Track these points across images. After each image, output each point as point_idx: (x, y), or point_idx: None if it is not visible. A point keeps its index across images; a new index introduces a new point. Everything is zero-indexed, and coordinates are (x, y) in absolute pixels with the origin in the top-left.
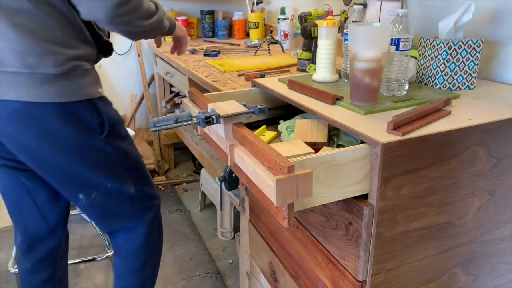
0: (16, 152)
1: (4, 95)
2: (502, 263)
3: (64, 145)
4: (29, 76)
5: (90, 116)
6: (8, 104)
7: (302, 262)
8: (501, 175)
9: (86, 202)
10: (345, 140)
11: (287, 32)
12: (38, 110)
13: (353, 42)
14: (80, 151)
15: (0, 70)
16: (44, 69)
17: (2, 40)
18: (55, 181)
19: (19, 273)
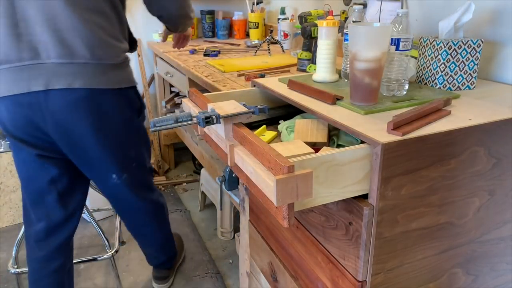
0: (63, 139)
1: (71, 84)
2: (502, 263)
3: (115, 125)
4: (96, 66)
5: (135, 100)
6: (74, 92)
7: (302, 262)
8: (501, 175)
9: (118, 181)
10: (345, 140)
11: (287, 32)
12: (100, 95)
13: (353, 42)
14: (127, 130)
15: (70, 62)
16: (107, 60)
17: (77, 36)
18: (92, 164)
19: (29, 265)
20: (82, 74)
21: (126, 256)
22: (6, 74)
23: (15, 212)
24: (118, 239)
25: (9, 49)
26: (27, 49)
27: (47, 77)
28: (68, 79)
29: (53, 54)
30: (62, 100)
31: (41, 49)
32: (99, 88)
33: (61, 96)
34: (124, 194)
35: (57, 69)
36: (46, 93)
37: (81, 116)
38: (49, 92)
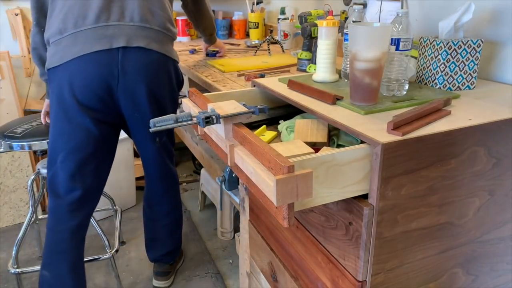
0: (128, 99)
1: (148, 45)
2: (502, 263)
3: (172, 92)
4: (165, 36)
5: (181, 74)
6: (151, 54)
7: (302, 262)
8: (501, 175)
9: (158, 145)
10: (345, 140)
11: (287, 32)
12: (167, 61)
13: (353, 42)
14: (171, 99)
15: (149, 27)
16: (171, 33)
17: (158, 8)
18: (145, 127)
19: (57, 235)
20: (156, 39)
21: (126, 256)
22: (89, 34)
23: (15, 212)
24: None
25: (100, 12)
26: (116, 12)
27: (129, 36)
28: (146, 40)
29: (136, 18)
30: (140, 58)
31: (126, 13)
32: (166, 56)
33: (137, 54)
34: (161, 158)
35: (138, 31)
36: (125, 50)
37: (154, 77)
38: (129, 50)
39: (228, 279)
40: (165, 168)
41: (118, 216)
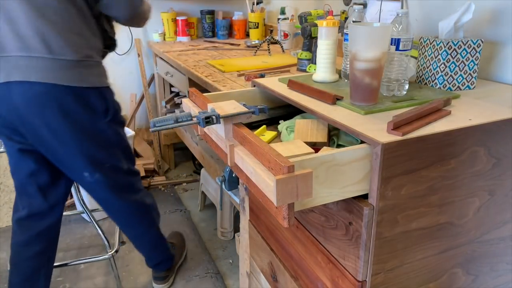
0: (31, 134)
1: (28, 77)
2: (502, 263)
3: (77, 125)
4: (53, 61)
5: (98, 101)
6: (33, 86)
7: (302, 262)
8: (501, 175)
9: (91, 180)
10: (345, 140)
11: (287, 32)
12: (58, 92)
13: (353, 42)
14: (89, 131)
15: (28, 56)
16: (65, 56)
17: (33, 30)
18: (63, 161)
19: (11, 248)
20: (38, 68)
21: (126, 256)
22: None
23: None
24: (118, 239)
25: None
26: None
27: (9, 69)
28: (26, 72)
29: (14, 48)
30: (22, 93)
31: (5, 42)
32: (58, 85)
33: (21, 89)
34: (102, 193)
35: (17, 62)
36: (7, 85)
37: (41, 111)
38: (10, 84)
39: (228, 279)
40: (115, 203)
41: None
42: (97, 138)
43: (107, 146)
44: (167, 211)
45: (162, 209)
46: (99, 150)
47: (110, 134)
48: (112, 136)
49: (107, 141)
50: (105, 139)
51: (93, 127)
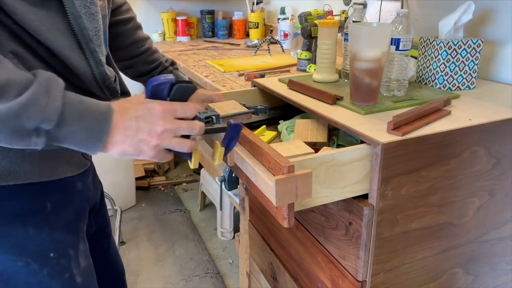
0: None
1: None
2: (501, 263)
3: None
4: None
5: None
6: None
7: (302, 262)
8: (501, 175)
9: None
10: (345, 140)
11: (287, 32)
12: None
13: (353, 42)
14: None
15: None
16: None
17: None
18: None
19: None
20: None
21: (126, 256)
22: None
23: None
24: (118, 239)
25: None
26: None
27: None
28: None
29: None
30: None
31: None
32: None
33: None
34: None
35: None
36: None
37: None
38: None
39: (228, 279)
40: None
41: (118, 216)
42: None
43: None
44: (167, 211)
45: (162, 209)
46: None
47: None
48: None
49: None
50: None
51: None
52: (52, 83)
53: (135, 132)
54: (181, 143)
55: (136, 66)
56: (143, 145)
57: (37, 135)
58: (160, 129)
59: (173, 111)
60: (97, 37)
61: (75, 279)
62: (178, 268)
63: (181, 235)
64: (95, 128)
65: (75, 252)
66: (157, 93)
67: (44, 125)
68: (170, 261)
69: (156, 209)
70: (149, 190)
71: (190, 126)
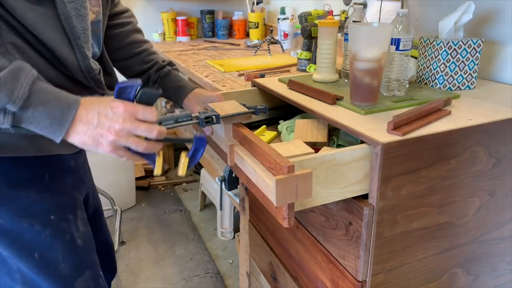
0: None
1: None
2: (502, 263)
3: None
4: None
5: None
6: None
7: (302, 262)
8: (501, 175)
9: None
10: (345, 140)
11: (287, 32)
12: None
13: (353, 42)
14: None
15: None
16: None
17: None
18: None
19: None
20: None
21: (126, 256)
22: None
23: None
24: (118, 239)
25: None
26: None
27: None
28: None
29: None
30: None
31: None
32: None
33: None
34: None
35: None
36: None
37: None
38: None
39: (228, 279)
40: None
41: (118, 216)
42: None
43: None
44: (167, 211)
45: (162, 209)
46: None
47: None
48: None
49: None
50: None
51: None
52: (23, 72)
53: (95, 126)
54: (138, 142)
55: (132, 67)
56: (101, 139)
57: (3, 115)
58: (118, 126)
59: (134, 112)
60: (84, 35)
61: (76, 241)
62: (178, 268)
63: (181, 235)
64: (58, 116)
65: (73, 217)
66: (124, 95)
67: (9, 106)
68: (170, 261)
69: (156, 209)
70: (149, 190)
71: (148, 128)
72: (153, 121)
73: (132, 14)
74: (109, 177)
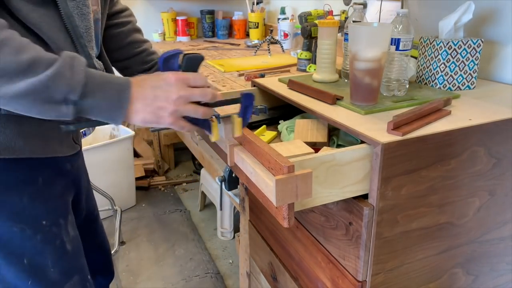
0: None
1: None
2: (502, 263)
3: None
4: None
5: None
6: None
7: (302, 262)
8: (501, 175)
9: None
10: (345, 140)
11: (287, 32)
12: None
13: (353, 42)
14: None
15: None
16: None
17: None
18: None
19: None
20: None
21: (126, 256)
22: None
23: None
24: (118, 239)
25: None
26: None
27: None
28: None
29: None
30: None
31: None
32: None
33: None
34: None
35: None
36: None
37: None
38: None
39: (228, 279)
40: None
41: (118, 216)
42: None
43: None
44: (167, 211)
45: (162, 209)
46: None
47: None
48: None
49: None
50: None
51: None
52: (75, 59)
53: (152, 100)
54: (196, 109)
55: (132, 67)
56: (161, 112)
57: (66, 105)
58: (175, 96)
59: (185, 79)
60: (87, 34)
61: (66, 246)
62: (178, 268)
63: (181, 235)
64: (116, 98)
65: (64, 222)
66: (168, 65)
67: (71, 95)
68: (170, 261)
69: (156, 209)
70: (149, 190)
71: (202, 92)
72: (205, 85)
73: (131, 13)
74: (109, 177)
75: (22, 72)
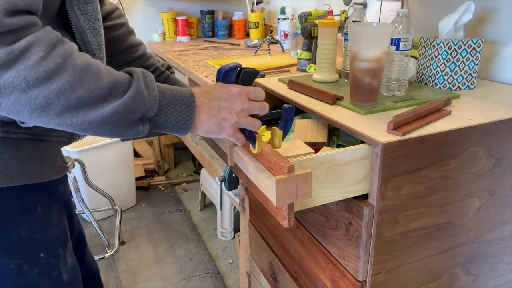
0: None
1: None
2: (502, 263)
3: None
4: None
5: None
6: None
7: (302, 262)
8: (501, 175)
9: None
10: (345, 140)
11: (287, 32)
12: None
13: (353, 42)
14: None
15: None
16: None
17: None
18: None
19: None
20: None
21: (126, 256)
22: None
23: None
24: (118, 239)
25: None
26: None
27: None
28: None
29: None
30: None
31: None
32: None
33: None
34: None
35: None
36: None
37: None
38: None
39: (228, 279)
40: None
41: (118, 216)
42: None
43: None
44: (167, 211)
45: (162, 209)
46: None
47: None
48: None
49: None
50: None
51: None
52: (146, 76)
53: (217, 111)
54: (254, 122)
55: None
56: (224, 123)
57: (142, 124)
58: (239, 108)
59: (247, 93)
60: (99, 50)
61: (62, 277)
62: (178, 268)
63: (181, 235)
64: (185, 111)
65: (63, 252)
66: (227, 78)
67: (148, 113)
68: (170, 261)
69: (156, 209)
70: (149, 190)
71: (261, 106)
72: (263, 99)
73: (122, 13)
74: (109, 177)
75: (105, 97)
